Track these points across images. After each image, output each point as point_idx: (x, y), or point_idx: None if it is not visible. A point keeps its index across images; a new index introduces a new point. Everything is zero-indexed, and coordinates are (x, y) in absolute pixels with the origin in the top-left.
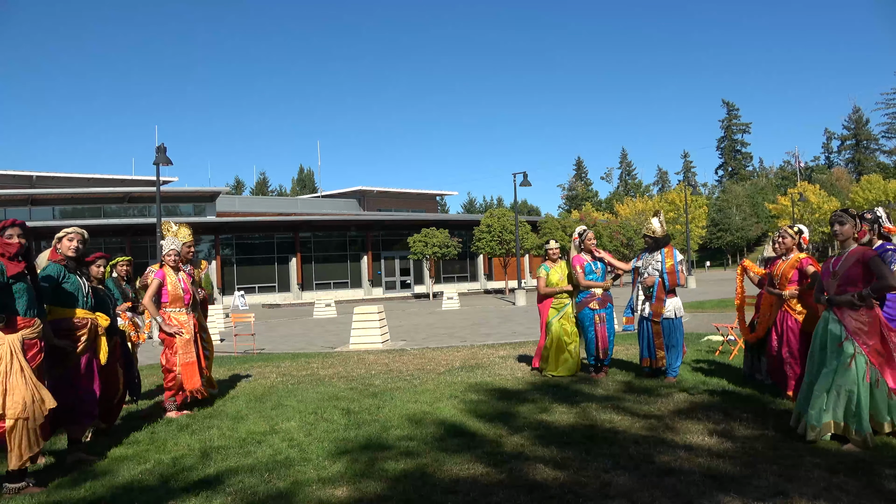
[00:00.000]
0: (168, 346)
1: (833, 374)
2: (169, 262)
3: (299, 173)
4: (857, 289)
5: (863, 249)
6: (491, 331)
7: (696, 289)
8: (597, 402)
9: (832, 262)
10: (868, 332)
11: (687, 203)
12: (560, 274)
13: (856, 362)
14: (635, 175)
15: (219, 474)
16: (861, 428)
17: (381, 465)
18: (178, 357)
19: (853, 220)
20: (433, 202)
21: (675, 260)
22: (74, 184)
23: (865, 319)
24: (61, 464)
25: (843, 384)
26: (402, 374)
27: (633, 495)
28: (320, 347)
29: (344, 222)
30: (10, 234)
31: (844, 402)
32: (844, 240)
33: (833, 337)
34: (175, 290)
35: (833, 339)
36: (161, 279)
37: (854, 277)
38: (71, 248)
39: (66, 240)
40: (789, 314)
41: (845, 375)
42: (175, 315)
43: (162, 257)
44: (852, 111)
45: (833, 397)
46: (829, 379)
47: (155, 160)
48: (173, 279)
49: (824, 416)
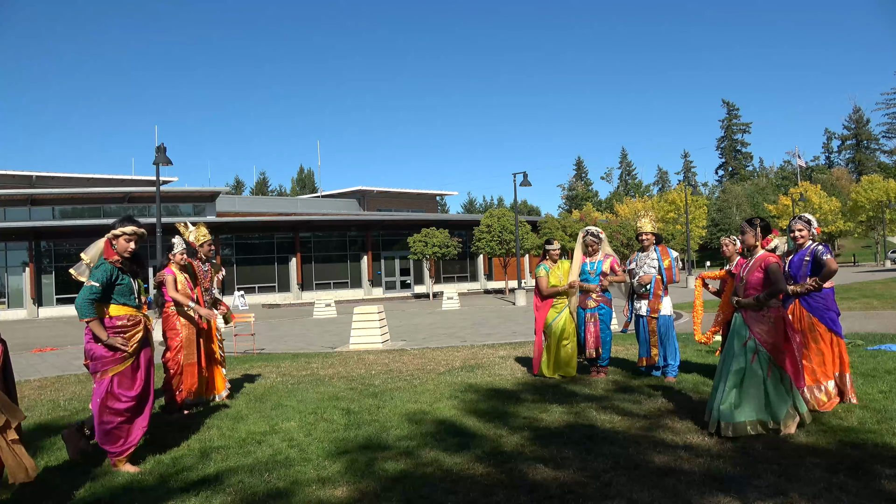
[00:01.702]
0: (171, 347)
1: (740, 373)
2: (178, 261)
3: (299, 173)
4: (758, 292)
5: (764, 256)
6: (491, 331)
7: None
8: (596, 402)
9: (742, 268)
10: (769, 330)
11: (687, 203)
12: (559, 274)
13: (758, 358)
14: (635, 175)
15: (218, 474)
16: (777, 418)
17: (380, 465)
18: (181, 356)
19: (754, 230)
20: (433, 202)
21: (671, 257)
22: (74, 184)
23: (767, 320)
24: (61, 464)
25: (749, 381)
26: (402, 374)
27: (633, 495)
28: (320, 347)
29: (344, 222)
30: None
31: (754, 399)
32: (748, 247)
33: (740, 336)
34: (184, 289)
35: (739, 338)
36: (174, 275)
37: (755, 282)
38: (129, 249)
39: (124, 240)
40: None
41: (750, 372)
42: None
43: (170, 255)
44: (852, 111)
45: (741, 395)
46: (737, 377)
47: (155, 160)
48: (181, 277)
49: (737, 414)
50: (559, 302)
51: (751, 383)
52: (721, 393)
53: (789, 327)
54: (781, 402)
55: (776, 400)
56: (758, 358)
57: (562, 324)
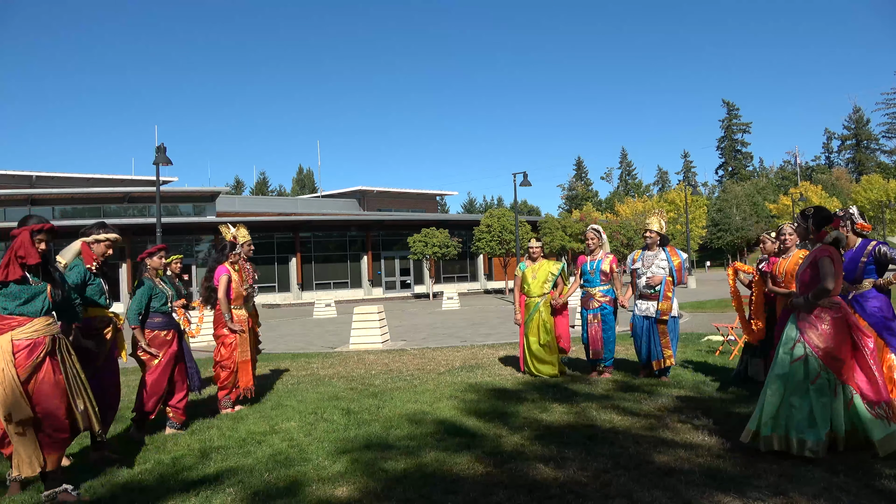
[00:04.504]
0: (225, 344)
1: (781, 380)
2: (234, 259)
3: (299, 173)
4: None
5: (817, 249)
6: (491, 331)
7: (695, 289)
8: (596, 401)
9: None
10: (823, 334)
11: (687, 203)
12: (532, 273)
13: (805, 365)
14: (635, 175)
15: (218, 474)
16: (805, 436)
17: (381, 465)
18: (236, 354)
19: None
20: (433, 202)
21: (681, 258)
22: (74, 184)
23: (822, 323)
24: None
25: (789, 390)
26: (402, 374)
27: (633, 495)
28: (320, 347)
29: (344, 222)
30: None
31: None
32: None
33: (788, 339)
34: (237, 287)
35: (788, 341)
36: (228, 274)
37: (808, 280)
38: (107, 254)
39: (104, 246)
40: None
41: (792, 380)
42: (237, 311)
43: (229, 255)
44: (852, 111)
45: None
46: (773, 385)
47: (155, 160)
48: (235, 276)
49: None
50: (530, 300)
51: (794, 392)
52: (763, 402)
53: (857, 332)
54: (826, 417)
55: (820, 414)
56: (805, 364)
57: (532, 323)
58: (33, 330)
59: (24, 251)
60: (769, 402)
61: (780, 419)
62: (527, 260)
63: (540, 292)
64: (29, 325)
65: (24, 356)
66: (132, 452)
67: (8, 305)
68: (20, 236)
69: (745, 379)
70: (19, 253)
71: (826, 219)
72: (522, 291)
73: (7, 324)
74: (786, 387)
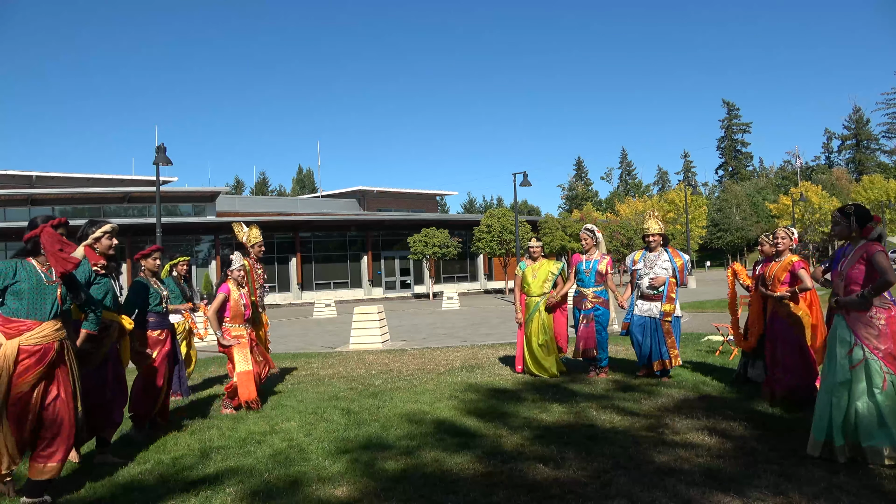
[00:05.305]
0: (228, 356)
1: (841, 386)
2: (236, 277)
3: (299, 173)
4: (861, 288)
5: (865, 245)
6: (491, 331)
7: (696, 289)
8: (596, 402)
9: (841, 263)
10: (880, 334)
11: (687, 203)
12: (533, 273)
13: (866, 369)
14: (635, 175)
15: (218, 474)
16: (875, 443)
17: (381, 465)
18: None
19: (848, 220)
20: (433, 202)
21: (683, 259)
22: (74, 184)
23: (876, 322)
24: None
25: (852, 397)
26: (402, 374)
27: (633, 495)
28: (320, 347)
29: (344, 222)
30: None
31: (852, 417)
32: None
33: (843, 343)
34: (237, 307)
35: (843, 344)
36: (226, 294)
37: (857, 276)
38: (112, 247)
39: (106, 239)
40: (778, 318)
41: (855, 386)
42: (234, 330)
43: (228, 272)
44: (852, 111)
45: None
46: (837, 392)
47: (155, 160)
48: (236, 295)
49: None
50: (531, 300)
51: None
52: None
53: None
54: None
55: (893, 420)
56: (866, 368)
57: (533, 323)
58: (42, 335)
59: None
60: (837, 410)
61: (847, 428)
62: (527, 259)
63: (540, 292)
64: (38, 329)
65: (33, 362)
66: (132, 452)
67: (15, 305)
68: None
69: (746, 380)
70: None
71: (867, 215)
72: (523, 291)
73: (15, 328)
74: (850, 394)
